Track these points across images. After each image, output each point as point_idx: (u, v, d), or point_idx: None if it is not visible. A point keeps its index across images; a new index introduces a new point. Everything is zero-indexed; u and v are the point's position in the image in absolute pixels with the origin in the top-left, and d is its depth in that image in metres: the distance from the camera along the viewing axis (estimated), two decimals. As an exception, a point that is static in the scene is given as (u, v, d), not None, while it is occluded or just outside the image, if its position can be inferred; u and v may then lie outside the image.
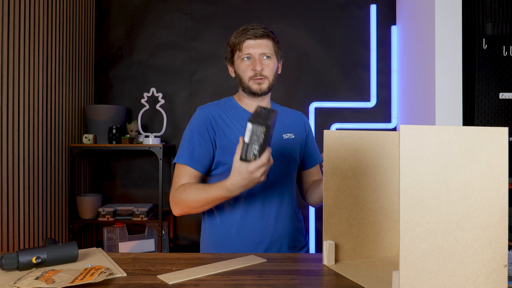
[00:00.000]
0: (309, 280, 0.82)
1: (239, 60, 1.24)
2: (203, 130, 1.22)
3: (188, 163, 1.19)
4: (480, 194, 0.69)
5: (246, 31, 1.22)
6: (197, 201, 1.10)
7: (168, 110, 2.61)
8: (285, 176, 1.26)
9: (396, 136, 1.01)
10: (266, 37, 1.22)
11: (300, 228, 1.32)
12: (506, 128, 0.69)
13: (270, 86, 1.25)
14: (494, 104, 2.20)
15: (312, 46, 2.66)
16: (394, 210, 1.00)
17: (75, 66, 2.39)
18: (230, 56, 1.28)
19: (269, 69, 1.23)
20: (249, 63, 1.22)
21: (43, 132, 2.04)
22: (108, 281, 0.80)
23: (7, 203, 1.75)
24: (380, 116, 2.65)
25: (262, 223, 1.20)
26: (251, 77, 1.22)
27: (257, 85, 1.22)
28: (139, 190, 2.65)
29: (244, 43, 1.22)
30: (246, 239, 1.20)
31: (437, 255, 0.67)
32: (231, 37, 1.26)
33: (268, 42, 1.23)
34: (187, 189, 1.13)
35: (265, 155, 0.92)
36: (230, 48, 1.27)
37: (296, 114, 1.39)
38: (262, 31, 1.22)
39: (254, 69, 1.21)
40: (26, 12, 1.88)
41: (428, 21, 2.12)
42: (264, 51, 1.21)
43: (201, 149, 1.21)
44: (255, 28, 1.22)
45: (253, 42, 1.21)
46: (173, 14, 2.65)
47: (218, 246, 1.23)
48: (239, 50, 1.23)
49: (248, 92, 1.25)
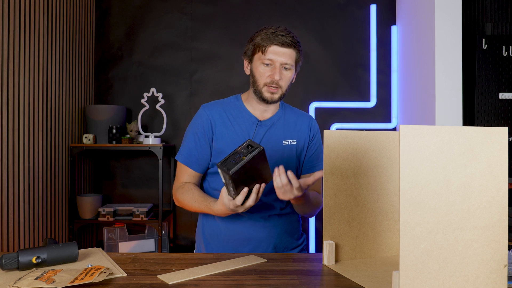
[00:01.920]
0: (309, 280, 0.82)
1: (259, 62, 1.20)
2: (202, 131, 1.24)
3: (186, 163, 1.26)
4: (480, 194, 0.69)
5: (275, 35, 1.17)
6: (191, 207, 1.21)
7: (168, 110, 2.61)
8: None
9: (396, 136, 1.01)
10: (292, 47, 1.18)
11: (293, 229, 1.31)
12: (506, 128, 0.69)
13: (282, 96, 1.23)
14: (494, 104, 2.20)
15: (312, 46, 2.66)
16: (394, 210, 1.00)
17: (75, 66, 2.39)
18: (251, 53, 1.23)
19: (286, 80, 1.21)
20: (268, 69, 1.19)
21: (43, 132, 2.04)
22: (108, 281, 0.80)
23: (7, 203, 1.75)
24: (380, 116, 2.65)
25: (250, 221, 1.23)
26: (267, 84, 1.20)
27: (270, 93, 1.20)
28: (139, 190, 2.65)
29: (269, 47, 1.18)
30: (234, 236, 1.23)
31: (437, 255, 0.67)
32: (256, 35, 1.22)
33: (293, 53, 1.19)
34: (185, 193, 1.22)
35: (238, 198, 0.99)
36: (253, 46, 1.22)
37: (303, 118, 1.34)
38: (291, 40, 1.18)
39: (272, 77, 1.18)
40: (26, 12, 1.88)
41: (428, 21, 2.12)
42: (287, 61, 1.18)
43: (198, 150, 1.25)
44: (284, 35, 1.17)
45: (278, 50, 1.17)
46: (173, 14, 2.65)
47: (208, 242, 1.28)
48: (262, 52, 1.19)
49: (259, 97, 1.23)
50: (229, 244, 1.23)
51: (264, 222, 1.23)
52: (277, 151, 1.26)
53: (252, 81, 1.24)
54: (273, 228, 1.24)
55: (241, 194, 0.98)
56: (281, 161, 1.25)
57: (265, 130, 1.26)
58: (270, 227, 1.24)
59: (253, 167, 0.95)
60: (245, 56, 1.27)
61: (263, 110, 1.28)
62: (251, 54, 1.23)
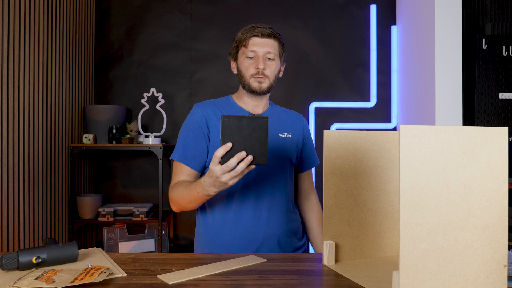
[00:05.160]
0: (309, 280, 0.82)
1: (243, 56, 1.25)
2: (198, 127, 1.23)
3: (181, 160, 1.22)
4: (480, 194, 0.69)
5: (254, 28, 1.23)
6: (183, 198, 1.13)
7: (168, 110, 2.61)
8: (279, 175, 1.26)
9: (396, 136, 1.01)
10: (272, 37, 1.23)
11: (296, 229, 1.31)
12: (506, 128, 0.69)
13: (270, 86, 1.26)
14: (494, 104, 2.20)
15: (312, 46, 2.66)
16: (394, 210, 1.00)
17: (75, 66, 2.39)
18: (235, 52, 1.28)
19: (271, 70, 1.24)
20: (252, 61, 1.23)
21: (43, 132, 2.04)
22: (108, 281, 0.80)
23: (7, 203, 1.75)
24: (380, 116, 2.65)
25: (254, 221, 1.21)
26: (253, 75, 1.23)
27: (257, 83, 1.23)
28: (139, 190, 2.65)
29: (250, 40, 1.23)
30: (238, 237, 1.20)
31: (437, 255, 0.67)
32: (238, 33, 1.28)
33: (274, 43, 1.24)
34: (177, 187, 1.16)
35: (231, 161, 0.91)
36: (235, 44, 1.28)
37: (295, 115, 1.40)
38: (270, 30, 1.23)
39: (257, 67, 1.22)
40: (26, 12, 1.88)
41: (428, 21, 2.12)
42: (269, 50, 1.23)
43: (194, 146, 1.22)
44: (263, 27, 1.23)
45: (259, 40, 1.22)
46: (173, 14, 2.65)
47: (211, 244, 1.23)
48: (244, 46, 1.24)
49: (248, 89, 1.25)
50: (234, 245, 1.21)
51: (267, 220, 1.22)
52: (276, 143, 1.27)
53: (239, 77, 1.28)
54: (278, 228, 1.24)
55: (234, 158, 0.91)
56: (279, 152, 1.27)
57: None
58: (275, 226, 1.23)
59: (251, 134, 0.92)
60: (230, 57, 1.32)
61: (255, 105, 1.30)
62: (235, 52, 1.28)
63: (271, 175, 1.24)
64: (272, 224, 1.23)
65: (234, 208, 1.21)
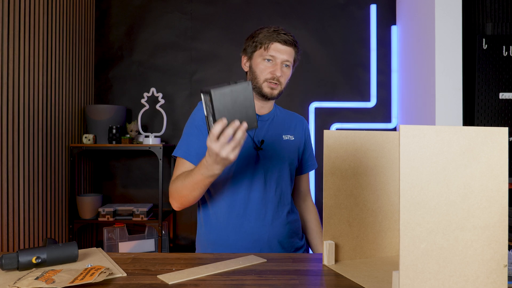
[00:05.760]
0: (309, 280, 0.82)
1: (260, 58, 1.23)
2: (202, 124, 1.23)
3: (184, 156, 1.20)
4: (480, 194, 0.69)
5: (277, 33, 1.22)
6: (185, 186, 1.09)
7: (168, 110, 2.61)
8: (283, 177, 1.27)
9: (396, 136, 1.01)
10: (293, 45, 1.24)
11: (297, 229, 1.31)
12: (506, 128, 0.69)
13: (280, 92, 1.27)
14: (494, 104, 2.20)
15: (312, 46, 2.66)
16: (394, 210, 1.00)
17: (75, 66, 2.39)
18: (252, 50, 1.26)
19: (285, 77, 1.25)
20: (270, 65, 1.23)
21: (43, 132, 2.04)
22: (108, 281, 0.79)
23: (7, 203, 1.75)
24: (380, 116, 2.65)
25: (258, 222, 1.20)
26: (267, 79, 1.22)
27: (270, 89, 1.23)
28: (139, 190, 2.65)
29: (272, 44, 1.22)
30: (242, 238, 1.20)
31: (437, 255, 0.67)
32: (257, 33, 1.25)
33: (292, 51, 1.25)
34: (178, 178, 1.14)
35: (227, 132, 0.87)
36: (254, 43, 1.25)
37: (298, 118, 1.40)
38: (292, 39, 1.24)
39: (273, 73, 1.22)
40: (26, 12, 1.88)
41: (428, 21, 2.12)
42: (288, 58, 1.23)
43: (198, 143, 1.21)
44: (286, 34, 1.23)
45: (281, 47, 1.22)
46: (173, 14, 2.65)
47: (214, 245, 1.22)
48: (264, 49, 1.23)
49: (258, 92, 1.25)
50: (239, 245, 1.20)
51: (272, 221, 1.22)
52: (280, 144, 1.28)
53: (251, 77, 1.26)
54: (282, 228, 1.24)
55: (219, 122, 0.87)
56: (282, 153, 1.27)
57: (266, 124, 1.29)
58: (279, 226, 1.23)
59: (237, 101, 0.89)
60: (244, 53, 1.30)
61: (260, 107, 1.30)
62: (252, 51, 1.26)
63: (275, 176, 1.24)
64: (276, 225, 1.23)
65: (238, 209, 1.20)
